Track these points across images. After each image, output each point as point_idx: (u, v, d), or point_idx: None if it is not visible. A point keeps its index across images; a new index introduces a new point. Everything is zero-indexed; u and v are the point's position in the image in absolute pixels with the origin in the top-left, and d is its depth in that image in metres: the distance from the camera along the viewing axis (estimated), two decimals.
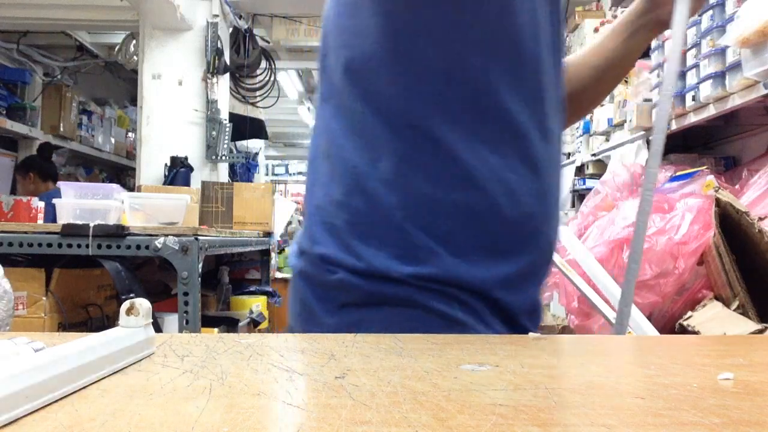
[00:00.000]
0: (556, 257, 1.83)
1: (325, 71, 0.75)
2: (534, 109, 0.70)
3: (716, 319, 1.36)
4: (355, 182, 0.69)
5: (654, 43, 2.28)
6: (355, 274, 0.67)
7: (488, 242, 0.68)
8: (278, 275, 3.95)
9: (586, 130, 3.37)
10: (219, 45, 4.01)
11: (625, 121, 2.79)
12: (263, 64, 4.57)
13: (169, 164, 3.83)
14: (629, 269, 0.77)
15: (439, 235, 0.66)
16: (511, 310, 0.69)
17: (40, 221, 2.33)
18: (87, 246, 1.84)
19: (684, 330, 1.37)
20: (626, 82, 2.74)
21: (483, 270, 0.67)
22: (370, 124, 0.69)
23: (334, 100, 0.73)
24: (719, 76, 1.87)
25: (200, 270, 1.90)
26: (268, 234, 3.29)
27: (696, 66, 1.98)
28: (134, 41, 4.78)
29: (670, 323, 1.60)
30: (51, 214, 2.31)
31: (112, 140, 5.94)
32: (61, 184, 2.18)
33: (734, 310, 1.38)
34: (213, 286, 3.05)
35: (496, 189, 0.67)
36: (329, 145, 0.73)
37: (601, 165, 3.12)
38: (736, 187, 1.96)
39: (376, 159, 0.68)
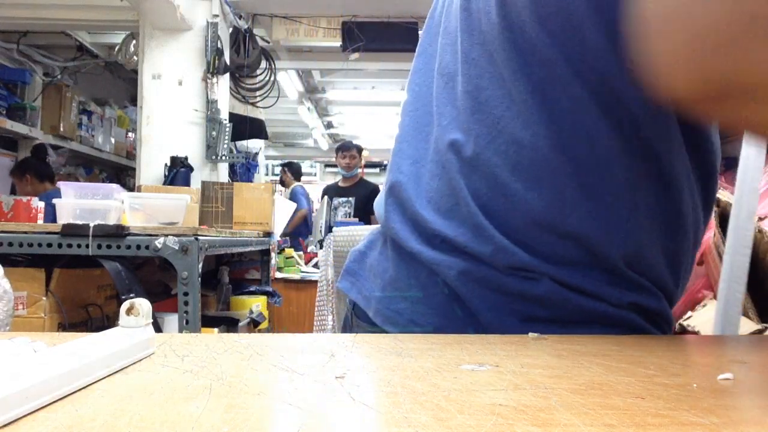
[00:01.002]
0: None
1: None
2: None
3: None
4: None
5: None
6: (564, 287, 0.59)
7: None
8: (278, 275, 3.95)
9: None
10: (219, 45, 4.01)
11: None
12: (263, 64, 4.57)
13: (169, 164, 3.83)
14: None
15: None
16: None
17: (40, 221, 2.33)
18: (87, 246, 1.84)
19: (684, 330, 1.37)
20: None
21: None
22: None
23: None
24: None
25: (200, 270, 1.90)
26: (268, 234, 3.29)
27: None
28: (134, 41, 4.78)
29: None
30: (51, 214, 2.31)
31: (112, 140, 5.94)
32: (61, 184, 2.17)
33: None
34: (213, 286, 3.05)
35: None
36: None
37: None
38: None
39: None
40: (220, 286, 3.06)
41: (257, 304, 3.08)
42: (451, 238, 0.62)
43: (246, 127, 4.55)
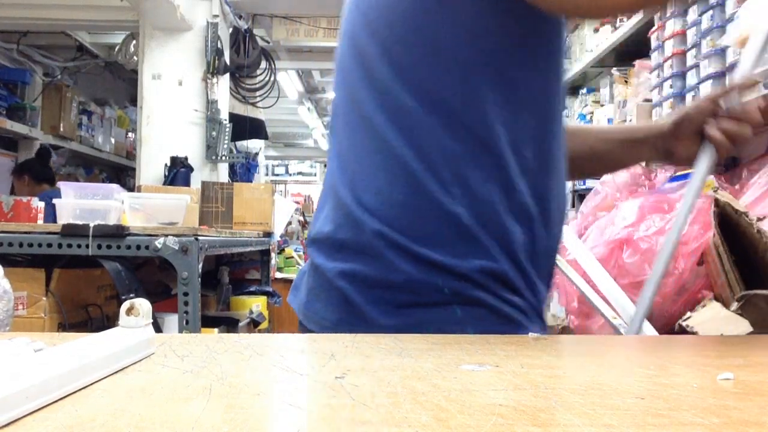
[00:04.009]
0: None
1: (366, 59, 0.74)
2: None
3: (715, 320, 1.35)
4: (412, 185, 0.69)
5: (654, 43, 2.28)
6: (424, 272, 0.67)
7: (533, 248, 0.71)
8: (278, 275, 3.95)
9: None
10: (219, 45, 4.01)
11: (625, 121, 2.78)
12: (263, 64, 4.57)
13: (169, 164, 3.83)
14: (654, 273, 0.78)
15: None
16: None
17: (40, 221, 2.33)
18: (87, 246, 1.84)
19: (683, 331, 1.37)
20: (626, 82, 2.73)
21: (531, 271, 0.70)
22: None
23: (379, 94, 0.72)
24: (719, 76, 1.87)
25: (200, 270, 1.90)
26: (268, 234, 3.29)
27: (696, 66, 1.98)
28: (134, 41, 4.77)
29: (670, 323, 1.60)
30: (51, 214, 2.31)
31: (112, 140, 5.93)
32: (61, 184, 2.17)
33: (734, 311, 1.38)
34: (213, 286, 3.05)
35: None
36: (378, 141, 0.71)
37: None
38: (736, 187, 1.96)
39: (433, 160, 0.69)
40: (220, 286, 3.06)
41: (257, 304, 3.08)
42: (333, 236, 0.73)
43: (246, 127, 4.55)
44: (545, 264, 0.74)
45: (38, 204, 2.35)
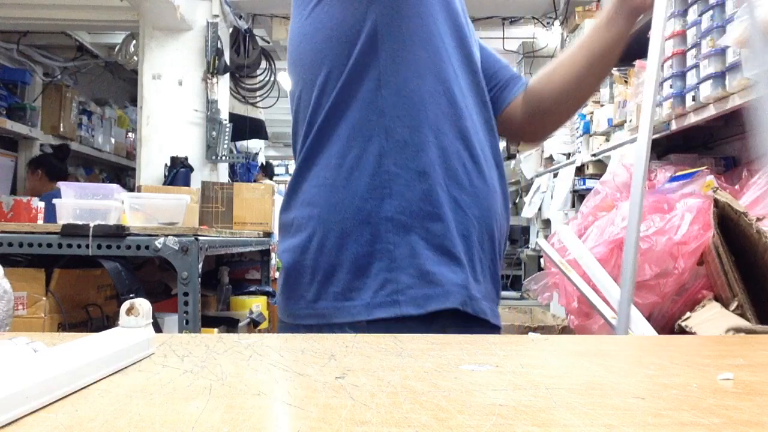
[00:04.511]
0: (555, 257, 1.83)
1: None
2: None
3: (714, 320, 1.35)
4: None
5: None
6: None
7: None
8: (278, 275, 3.94)
9: (586, 131, 3.37)
10: (219, 45, 4.01)
11: (625, 121, 2.78)
12: (263, 64, 4.57)
13: (169, 164, 3.83)
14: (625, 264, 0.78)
15: None
16: None
17: (40, 221, 2.33)
18: (87, 246, 1.84)
19: (682, 331, 1.37)
20: (626, 82, 2.73)
21: None
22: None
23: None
24: (719, 77, 1.87)
25: (200, 270, 1.90)
26: (268, 234, 3.29)
27: (696, 66, 1.98)
28: (134, 41, 4.77)
29: (669, 323, 1.60)
30: (52, 215, 2.31)
31: (112, 140, 5.93)
32: (61, 184, 2.17)
33: (733, 311, 1.38)
34: (213, 286, 3.04)
35: None
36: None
37: (601, 165, 3.12)
38: (736, 187, 1.96)
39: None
40: (220, 286, 3.06)
41: (257, 304, 3.08)
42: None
43: (246, 127, 4.55)
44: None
45: (38, 204, 2.35)
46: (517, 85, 1.00)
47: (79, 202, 2.06)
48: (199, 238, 1.91)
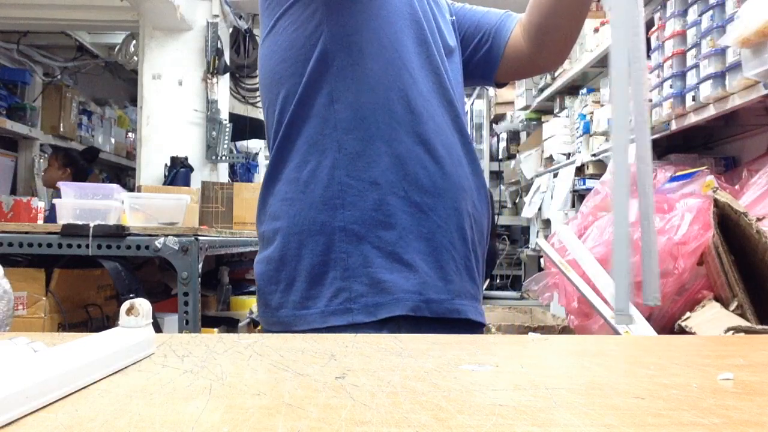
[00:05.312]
0: (555, 257, 1.83)
1: None
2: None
3: (714, 320, 1.35)
4: None
5: (654, 43, 2.28)
6: None
7: None
8: None
9: (586, 130, 3.37)
10: (219, 45, 4.01)
11: None
12: None
13: (169, 164, 3.83)
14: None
15: None
16: None
17: (40, 221, 2.33)
18: (87, 246, 1.84)
19: (682, 331, 1.37)
20: None
21: None
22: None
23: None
24: (719, 77, 1.87)
25: (200, 270, 1.89)
26: None
27: (696, 66, 1.98)
28: (134, 41, 4.77)
29: (669, 323, 1.60)
30: (54, 216, 2.31)
31: (112, 140, 5.93)
32: (61, 184, 2.17)
33: (733, 311, 1.38)
34: (213, 286, 3.04)
35: None
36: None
37: (601, 165, 3.12)
38: (736, 187, 1.96)
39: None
40: (220, 286, 3.05)
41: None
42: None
43: (246, 127, 4.55)
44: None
45: (38, 204, 2.35)
46: (509, 20, 1.00)
47: (79, 202, 2.06)
48: (199, 238, 1.91)
